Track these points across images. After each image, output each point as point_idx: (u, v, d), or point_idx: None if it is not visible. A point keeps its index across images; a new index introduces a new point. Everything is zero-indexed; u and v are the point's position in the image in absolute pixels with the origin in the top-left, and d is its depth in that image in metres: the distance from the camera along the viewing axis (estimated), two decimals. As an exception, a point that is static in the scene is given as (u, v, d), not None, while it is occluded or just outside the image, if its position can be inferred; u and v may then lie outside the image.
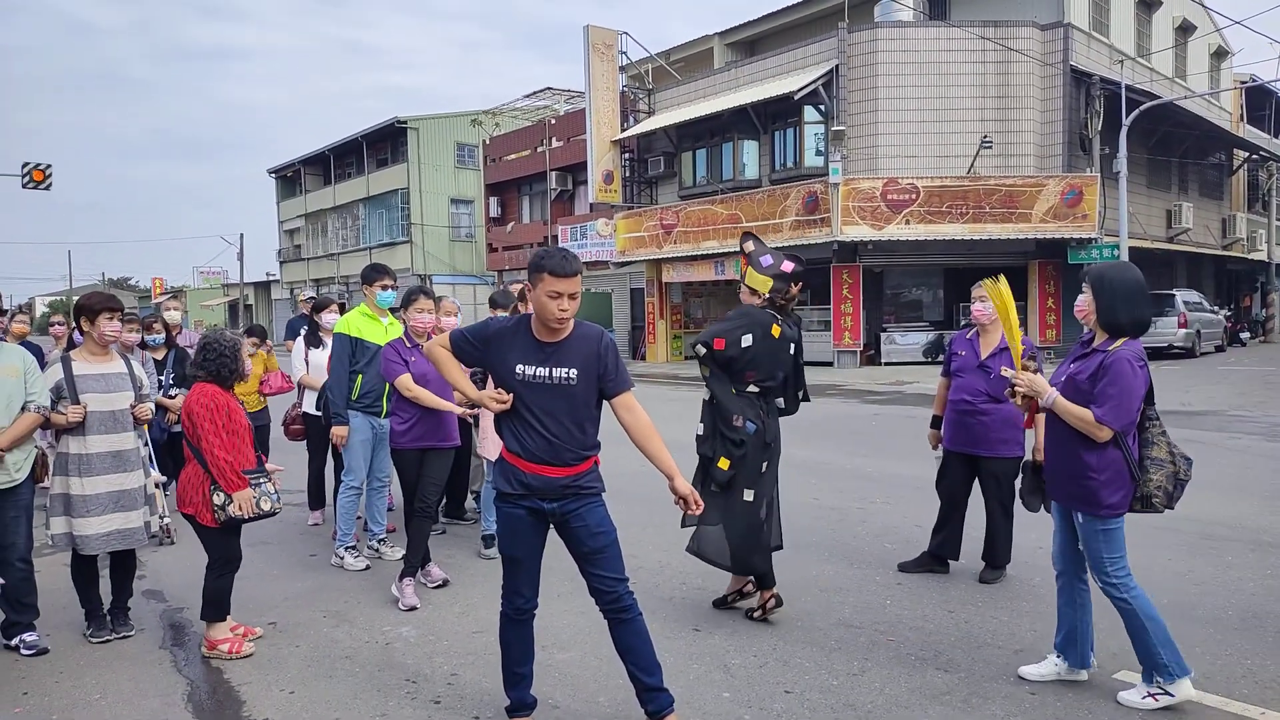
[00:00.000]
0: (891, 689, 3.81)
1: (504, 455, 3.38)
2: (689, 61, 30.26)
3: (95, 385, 4.47)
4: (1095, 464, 3.52)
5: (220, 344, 4.38)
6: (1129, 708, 3.57)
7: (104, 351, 4.61)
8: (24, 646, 4.35)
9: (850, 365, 21.76)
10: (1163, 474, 3.54)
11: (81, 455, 4.40)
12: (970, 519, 5.36)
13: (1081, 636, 3.78)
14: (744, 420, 4.47)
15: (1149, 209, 25.00)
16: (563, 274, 3.18)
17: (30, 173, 21.63)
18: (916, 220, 20.19)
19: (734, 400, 4.50)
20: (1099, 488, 3.53)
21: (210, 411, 4.25)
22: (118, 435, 4.49)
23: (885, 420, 12.74)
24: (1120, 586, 3.56)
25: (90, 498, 4.38)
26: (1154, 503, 3.55)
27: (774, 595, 4.59)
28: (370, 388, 5.79)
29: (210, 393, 4.31)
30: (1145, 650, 3.57)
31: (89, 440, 4.41)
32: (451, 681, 3.98)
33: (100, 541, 4.42)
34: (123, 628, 4.61)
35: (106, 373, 4.54)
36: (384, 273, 6.04)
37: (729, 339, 4.46)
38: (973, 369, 5.16)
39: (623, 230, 26.17)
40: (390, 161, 42.73)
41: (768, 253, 4.63)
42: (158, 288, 64.86)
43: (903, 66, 21.49)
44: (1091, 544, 3.61)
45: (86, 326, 4.54)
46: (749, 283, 4.60)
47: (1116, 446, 3.52)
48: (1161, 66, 27.29)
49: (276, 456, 6.43)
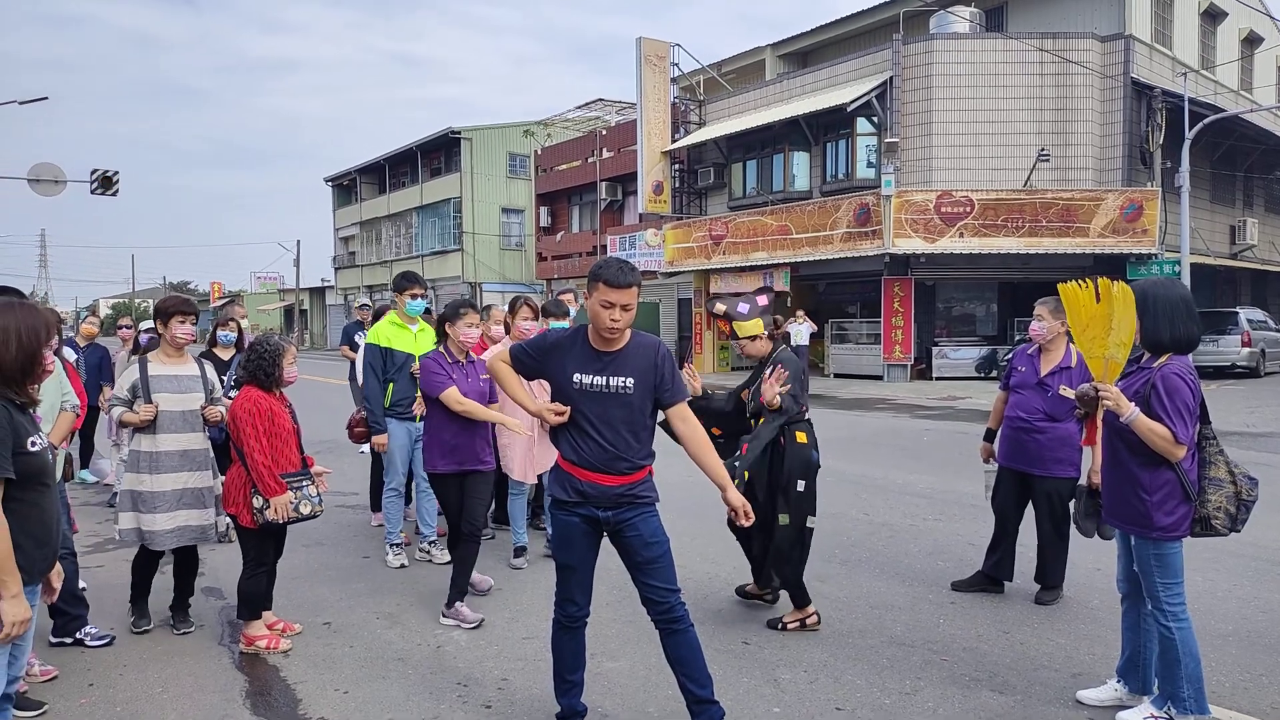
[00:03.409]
0: (945, 710, 3.76)
1: (560, 463, 3.41)
2: (740, 73, 30.25)
3: (168, 386, 4.61)
4: (1148, 484, 3.43)
5: (262, 347, 4.48)
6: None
7: (178, 353, 4.74)
8: (90, 638, 4.48)
9: (900, 379, 21.51)
10: (1222, 494, 3.40)
11: (153, 453, 4.53)
12: (1022, 538, 5.27)
13: (1145, 662, 3.68)
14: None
15: (1212, 224, 24.38)
16: (617, 284, 3.20)
17: (99, 179, 22.30)
18: (970, 233, 19.91)
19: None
20: (1151, 509, 3.43)
21: (252, 415, 4.34)
22: (188, 435, 4.62)
23: (937, 436, 12.56)
24: (1170, 615, 3.45)
25: (159, 494, 4.51)
26: (1214, 525, 3.40)
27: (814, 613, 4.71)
28: (403, 395, 5.90)
29: (254, 397, 4.40)
30: (1171, 681, 3.47)
31: (159, 439, 4.54)
32: (502, 686, 4.02)
33: (168, 537, 4.54)
34: (182, 624, 4.73)
35: (180, 374, 4.68)
36: (414, 281, 6.20)
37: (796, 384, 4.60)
38: (1031, 386, 5.08)
39: (671, 241, 26.21)
40: (444, 171, 43.35)
41: (739, 300, 4.76)
42: (216, 292, 66.51)
43: (958, 78, 21.25)
44: (1145, 567, 3.51)
45: (161, 329, 4.69)
46: (744, 334, 4.68)
47: (1170, 466, 3.41)
48: (1227, 79, 26.63)
49: (328, 459, 6.54)
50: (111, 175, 22.44)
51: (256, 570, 4.47)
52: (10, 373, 2.66)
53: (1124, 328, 3.41)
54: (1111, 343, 3.42)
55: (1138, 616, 3.71)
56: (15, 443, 2.60)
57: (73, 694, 3.95)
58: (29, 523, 2.66)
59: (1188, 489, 3.42)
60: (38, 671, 4.04)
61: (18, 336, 2.67)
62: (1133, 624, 3.73)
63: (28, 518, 2.65)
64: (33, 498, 2.68)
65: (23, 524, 2.62)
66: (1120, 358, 3.44)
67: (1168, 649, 3.47)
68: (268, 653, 4.36)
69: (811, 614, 4.70)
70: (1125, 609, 3.78)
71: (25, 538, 2.63)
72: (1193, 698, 3.43)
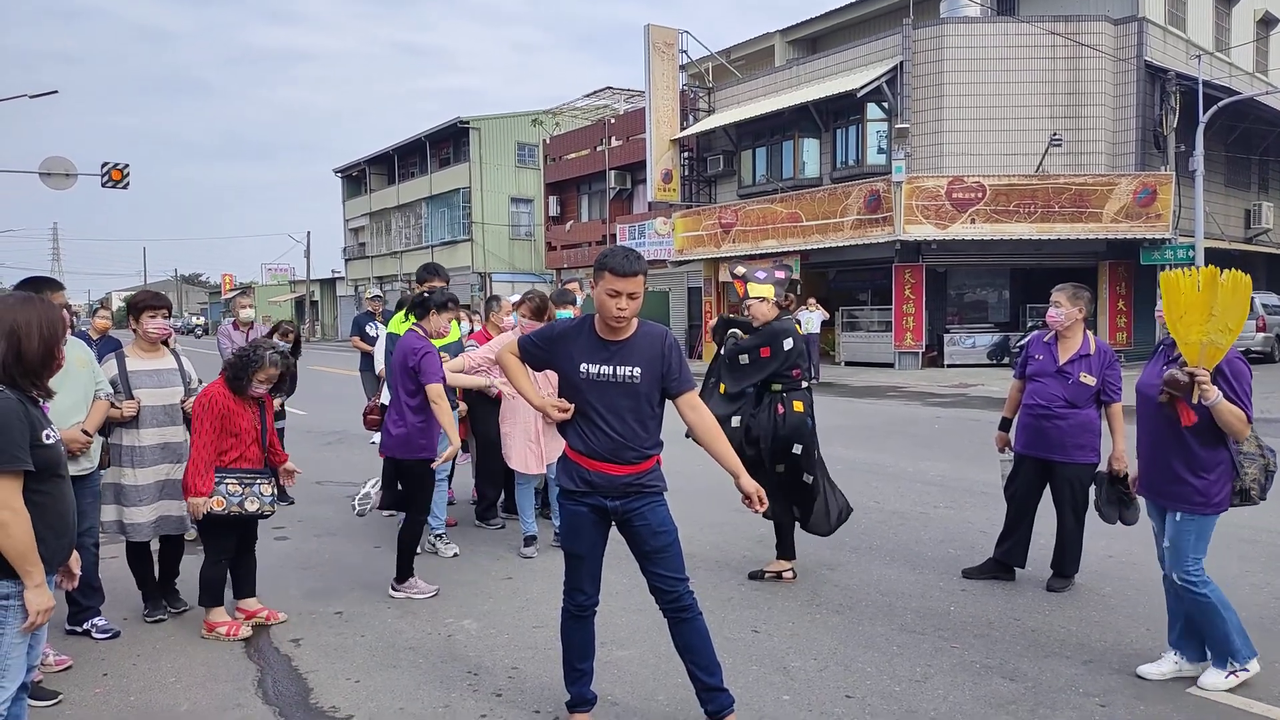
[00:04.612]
0: (955, 696, 3.75)
1: (567, 452, 3.41)
2: (750, 59, 30.11)
3: (148, 380, 4.64)
4: (1207, 462, 3.67)
5: (244, 351, 4.51)
6: (1209, 700, 3.66)
7: (154, 347, 4.76)
8: (96, 630, 4.51)
9: (912, 367, 21.43)
10: (1256, 467, 3.72)
11: (135, 447, 4.58)
12: (1038, 525, 5.24)
13: (1198, 632, 3.89)
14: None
15: (1226, 208, 24.15)
16: (622, 273, 3.19)
17: (109, 172, 22.36)
18: (982, 219, 19.79)
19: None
20: (1209, 485, 3.67)
21: (205, 410, 4.39)
22: (169, 428, 4.67)
23: (948, 423, 12.52)
24: (1200, 583, 3.71)
25: (142, 487, 4.57)
26: (1251, 495, 3.72)
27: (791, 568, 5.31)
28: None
29: (212, 392, 4.45)
30: (1222, 639, 3.71)
31: (142, 433, 4.58)
32: (512, 675, 4.03)
33: (148, 529, 4.62)
34: (176, 603, 4.85)
35: (159, 368, 4.71)
36: (435, 273, 6.38)
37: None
38: (1050, 373, 5.04)
39: (681, 229, 26.15)
40: (453, 161, 43.32)
41: (759, 269, 5.14)
42: (227, 284, 66.84)
43: (969, 63, 21.08)
44: (1183, 541, 3.72)
45: (133, 324, 4.71)
46: (755, 293, 5.03)
47: (1225, 445, 3.67)
48: (1241, 61, 26.33)
49: (339, 449, 6.54)
50: (123, 168, 22.50)
51: (216, 560, 4.53)
52: (31, 365, 2.69)
53: (1232, 314, 3.56)
54: (1212, 329, 3.57)
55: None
56: (31, 436, 2.62)
57: (87, 683, 3.98)
58: (48, 514, 2.69)
59: (1236, 465, 3.71)
60: (53, 661, 4.07)
61: (39, 330, 2.70)
62: (1180, 597, 3.90)
63: (46, 509, 2.69)
64: (49, 489, 2.71)
65: (42, 515, 2.66)
66: (1224, 343, 3.60)
67: (1208, 611, 3.71)
68: (228, 639, 4.42)
69: (788, 569, 5.30)
70: (1169, 585, 3.90)
71: (45, 529, 2.67)
72: (1244, 644, 3.73)
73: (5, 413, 2.57)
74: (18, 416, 2.59)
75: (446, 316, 5.31)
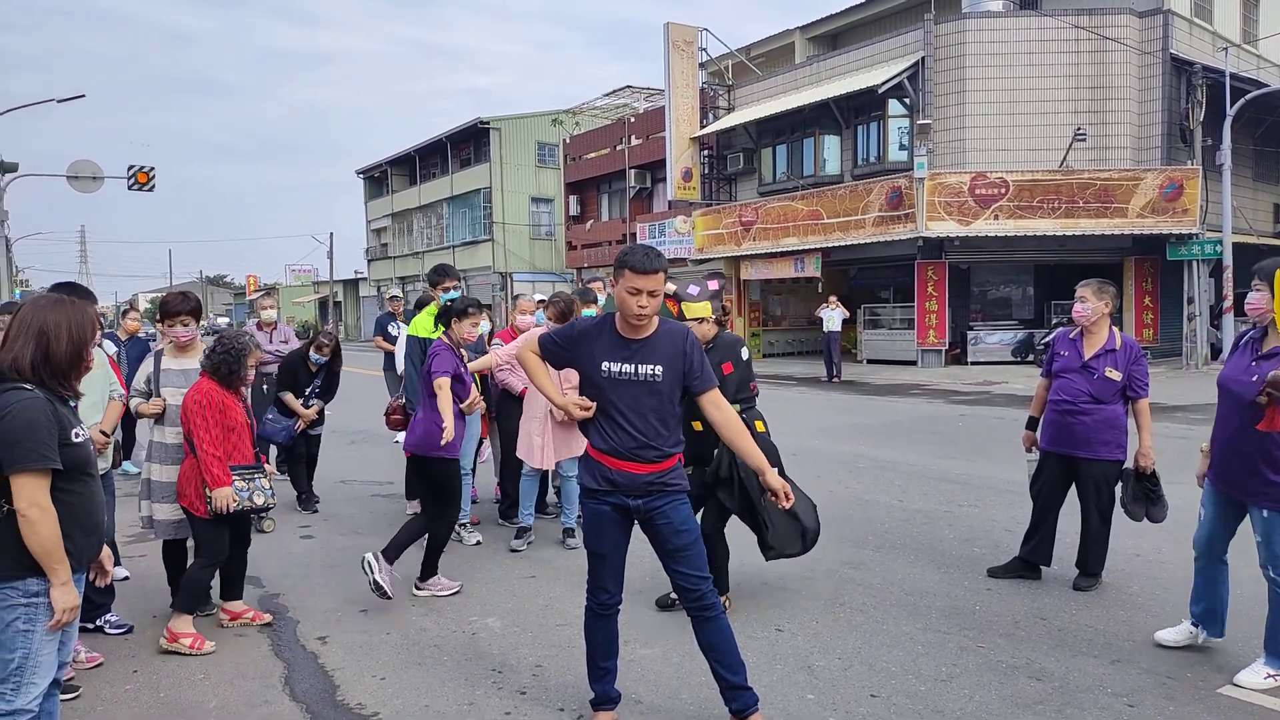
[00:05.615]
0: (981, 696, 3.73)
1: (589, 451, 3.41)
2: (770, 57, 29.99)
3: (175, 380, 4.73)
4: None
5: (228, 345, 4.53)
6: (1246, 689, 3.71)
7: (184, 348, 4.85)
8: (109, 626, 4.58)
9: (935, 364, 21.28)
10: None
11: (161, 444, 4.66)
12: (1062, 524, 5.20)
13: (1222, 611, 4.07)
14: None
15: (1255, 202, 23.78)
16: (643, 271, 3.20)
17: (135, 175, 22.60)
18: (1006, 215, 19.62)
19: None
20: None
21: (203, 407, 4.40)
22: None
23: (972, 421, 12.43)
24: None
25: (165, 484, 4.62)
26: None
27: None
28: None
29: (206, 389, 4.46)
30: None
31: (167, 431, 4.66)
32: (536, 673, 4.04)
33: (165, 529, 4.66)
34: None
35: (186, 369, 4.78)
36: (447, 274, 6.39)
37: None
38: (1076, 370, 5.00)
39: (701, 227, 26.11)
40: (473, 161, 43.48)
41: (690, 283, 4.64)
42: (252, 285, 67.41)
43: (992, 58, 20.90)
44: (1276, 538, 3.71)
45: (161, 327, 4.87)
46: (693, 314, 4.50)
47: None
48: (1270, 53, 25.94)
49: (362, 448, 6.59)
50: (148, 171, 22.73)
51: (210, 562, 4.51)
52: (60, 366, 2.73)
53: None
54: None
55: (1215, 573, 4.05)
56: (60, 435, 2.66)
57: (117, 680, 4.03)
58: (76, 512, 2.72)
59: None
60: (84, 658, 4.13)
61: (69, 331, 2.75)
62: (1211, 580, 4.05)
63: (75, 507, 2.72)
64: (78, 487, 2.74)
65: (70, 513, 2.69)
66: None
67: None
68: (191, 652, 4.28)
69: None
70: (1200, 567, 4.07)
71: (73, 526, 2.70)
72: None
73: (33, 411, 2.61)
74: (46, 416, 2.63)
75: (470, 322, 5.37)
